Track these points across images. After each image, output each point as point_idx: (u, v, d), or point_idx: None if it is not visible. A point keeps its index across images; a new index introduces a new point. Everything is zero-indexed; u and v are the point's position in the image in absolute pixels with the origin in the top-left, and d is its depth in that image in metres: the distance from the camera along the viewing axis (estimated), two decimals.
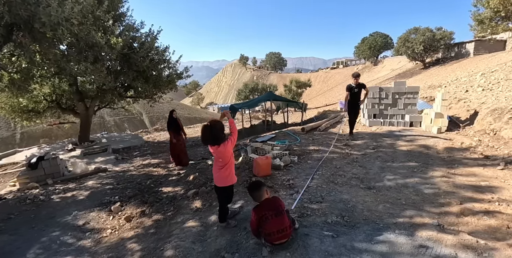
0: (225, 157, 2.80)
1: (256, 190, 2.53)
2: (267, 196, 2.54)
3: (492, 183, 3.66)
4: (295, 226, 2.73)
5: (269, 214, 2.38)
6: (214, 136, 2.71)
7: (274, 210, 2.40)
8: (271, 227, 2.36)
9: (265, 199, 2.51)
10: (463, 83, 11.36)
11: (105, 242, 4.11)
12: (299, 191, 3.77)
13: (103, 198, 5.85)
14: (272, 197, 2.57)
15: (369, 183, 3.94)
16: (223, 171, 2.87)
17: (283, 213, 2.41)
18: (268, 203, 2.48)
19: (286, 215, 2.43)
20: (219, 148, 2.76)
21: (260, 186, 2.55)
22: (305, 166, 4.88)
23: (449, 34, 27.51)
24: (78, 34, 6.68)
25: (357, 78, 6.75)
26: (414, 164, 4.68)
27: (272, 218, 2.36)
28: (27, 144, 21.37)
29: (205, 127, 2.73)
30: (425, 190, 3.55)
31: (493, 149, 5.23)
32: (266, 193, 2.55)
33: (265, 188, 2.56)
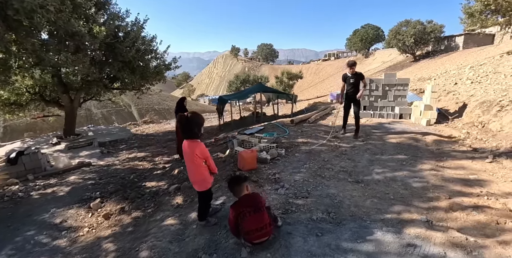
0: (189, 158, 2.57)
1: (236, 185, 2.36)
2: (247, 191, 2.37)
3: (480, 176, 3.59)
4: (277, 223, 2.58)
5: (247, 211, 2.21)
6: (186, 127, 2.49)
7: (252, 206, 2.24)
8: (249, 224, 2.20)
9: (244, 194, 2.34)
10: (452, 76, 11.37)
11: (81, 241, 3.91)
12: (284, 186, 3.62)
13: (84, 194, 5.65)
14: (251, 193, 2.40)
15: (357, 177, 3.82)
16: (192, 175, 2.69)
17: (262, 210, 2.24)
18: (246, 199, 2.31)
19: (265, 212, 2.26)
20: (187, 144, 2.55)
21: (240, 181, 2.37)
22: (292, 159, 4.72)
23: (440, 27, 27.58)
24: (56, 22, 6.26)
25: (353, 67, 5.98)
26: (403, 157, 4.58)
27: (250, 215, 2.20)
28: (10, 138, 20.50)
29: (181, 117, 2.52)
30: (414, 183, 3.44)
31: (482, 141, 5.20)
32: (246, 188, 2.37)
33: (245, 183, 2.38)
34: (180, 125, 2.54)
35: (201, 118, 2.59)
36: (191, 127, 2.49)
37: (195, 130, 2.51)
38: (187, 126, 2.49)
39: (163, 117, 30.58)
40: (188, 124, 2.49)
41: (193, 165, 2.63)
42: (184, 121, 2.50)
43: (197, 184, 2.74)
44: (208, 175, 2.73)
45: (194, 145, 2.54)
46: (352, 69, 5.99)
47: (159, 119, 26.16)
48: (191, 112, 2.59)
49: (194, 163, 2.61)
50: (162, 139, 12.23)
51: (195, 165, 2.62)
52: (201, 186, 2.73)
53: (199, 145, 2.56)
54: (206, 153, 2.61)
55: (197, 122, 2.54)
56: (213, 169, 2.77)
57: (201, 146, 2.57)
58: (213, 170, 2.78)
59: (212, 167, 2.75)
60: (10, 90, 10.07)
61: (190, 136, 2.54)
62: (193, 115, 2.52)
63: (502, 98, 6.01)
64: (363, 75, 6.04)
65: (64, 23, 6.45)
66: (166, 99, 41.39)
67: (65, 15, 6.35)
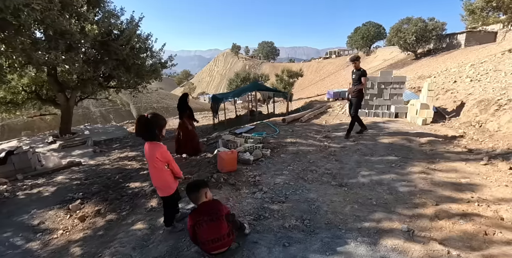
0: (150, 161, 2.41)
1: (193, 192, 2.16)
2: (206, 199, 2.17)
3: (473, 180, 3.36)
4: (245, 231, 2.38)
5: (203, 220, 2.03)
6: (146, 128, 2.31)
7: (209, 215, 2.05)
8: (204, 234, 2.02)
9: (203, 202, 2.15)
10: (452, 74, 11.07)
11: (53, 244, 3.76)
12: (263, 189, 3.40)
13: (67, 194, 5.52)
14: (210, 200, 2.20)
15: (341, 180, 3.59)
16: (154, 180, 2.51)
17: (219, 219, 2.06)
18: (204, 207, 2.12)
19: (223, 222, 2.07)
20: (147, 146, 2.39)
21: (197, 187, 2.17)
22: (277, 160, 4.50)
23: (441, 25, 27.11)
24: (43, 20, 6.12)
25: (355, 62, 5.57)
26: (394, 158, 4.35)
27: (206, 225, 2.02)
28: (8, 137, 20.47)
29: (141, 117, 2.33)
30: (400, 188, 3.21)
31: (478, 142, 4.95)
32: (205, 195, 2.17)
33: (204, 190, 2.18)
34: (139, 126, 2.33)
35: (162, 120, 2.42)
36: (150, 128, 2.31)
37: (155, 132, 2.33)
38: (146, 127, 2.31)
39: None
40: (148, 125, 2.30)
41: (154, 169, 2.45)
42: (143, 122, 2.31)
43: (160, 189, 2.56)
44: (171, 180, 2.54)
45: (155, 147, 2.37)
46: (355, 64, 5.61)
47: None
48: (152, 113, 2.41)
49: (155, 167, 2.43)
50: None
51: (156, 169, 2.44)
52: (164, 191, 2.55)
53: (160, 148, 2.38)
54: (168, 156, 2.43)
55: (157, 123, 2.35)
56: (176, 173, 2.57)
57: (162, 148, 2.39)
58: (176, 174, 2.58)
59: (175, 170, 2.55)
60: (6, 89, 10.05)
61: (150, 138, 2.37)
62: (153, 116, 2.34)
63: (500, 97, 5.74)
64: (365, 73, 5.61)
65: (52, 21, 6.32)
66: (165, 98, 41.29)
67: (53, 14, 6.21)
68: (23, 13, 5.39)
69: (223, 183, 3.60)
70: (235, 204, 3.10)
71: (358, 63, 5.60)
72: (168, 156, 2.42)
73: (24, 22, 5.63)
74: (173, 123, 18.41)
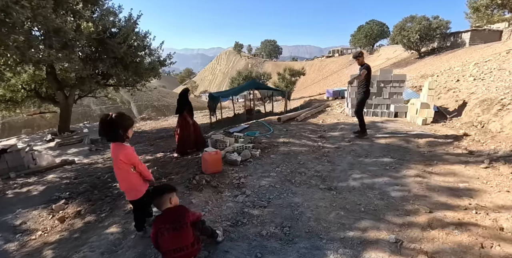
0: (115, 163, 2.27)
1: (155, 197, 2.00)
2: (171, 205, 2.00)
3: (472, 185, 3.12)
4: (217, 239, 2.21)
5: (165, 228, 1.88)
6: (109, 129, 2.16)
7: (172, 223, 1.89)
8: (166, 244, 1.86)
9: (167, 208, 1.97)
10: (455, 72, 10.75)
11: (29, 246, 3.64)
12: (246, 192, 3.20)
13: (54, 194, 5.43)
14: (175, 207, 2.01)
15: (331, 183, 3.37)
16: (120, 183, 2.37)
17: (183, 227, 1.89)
18: (167, 214, 1.95)
19: (188, 230, 1.90)
20: (112, 147, 2.25)
21: (161, 192, 2.00)
22: (266, 161, 4.29)
23: (446, 23, 26.57)
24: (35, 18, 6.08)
25: (358, 58, 5.33)
26: (389, 160, 4.11)
27: (167, 233, 1.87)
28: (8, 134, 20.52)
29: (105, 117, 2.17)
30: (393, 192, 2.99)
31: (479, 143, 4.69)
32: (169, 201, 1.99)
33: (168, 195, 2.00)
34: (102, 126, 2.18)
35: (127, 120, 2.25)
36: (114, 129, 2.15)
37: (119, 132, 2.17)
38: (109, 127, 2.15)
39: (162, 114, 30.39)
40: (111, 125, 2.14)
41: (119, 171, 2.28)
42: (107, 121, 2.14)
43: (127, 192, 2.39)
44: (138, 183, 2.35)
45: (119, 148, 2.22)
46: (358, 60, 5.36)
47: (157, 116, 25.98)
48: (118, 112, 2.25)
49: (120, 169, 2.26)
50: (153, 136, 12.01)
51: (122, 171, 2.27)
52: (131, 195, 2.37)
53: (124, 149, 2.22)
54: (133, 158, 2.26)
55: (122, 123, 2.19)
56: (145, 175, 2.39)
57: (127, 150, 2.23)
58: (145, 177, 2.40)
59: (143, 173, 2.37)
60: (6, 87, 10.10)
61: (114, 139, 2.22)
62: (118, 116, 2.19)
63: (504, 96, 5.47)
64: (366, 67, 5.28)
65: (45, 19, 6.23)
66: (166, 96, 41.17)
67: (46, 11, 6.12)
68: (14, 10, 5.32)
69: (205, 185, 3.41)
70: (214, 208, 2.90)
71: (361, 59, 5.33)
72: (133, 158, 2.25)
73: (16, 19, 5.54)
74: (173, 121, 18.31)
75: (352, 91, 8.18)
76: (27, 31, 6.48)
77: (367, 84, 5.42)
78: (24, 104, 11.67)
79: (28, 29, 6.56)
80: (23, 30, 6.40)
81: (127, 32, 9.06)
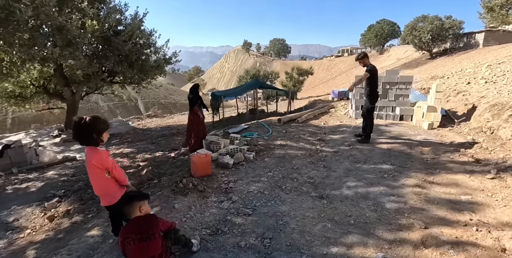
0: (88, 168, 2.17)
1: (125, 204, 1.92)
2: (141, 213, 1.89)
3: (475, 198, 2.89)
4: (192, 249, 2.11)
5: (131, 238, 1.79)
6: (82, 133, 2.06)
7: (139, 233, 1.80)
8: (131, 254, 1.79)
9: (135, 217, 1.87)
10: (467, 74, 10.33)
11: (16, 244, 3.67)
12: (232, 198, 3.06)
13: (49, 191, 5.45)
14: (145, 216, 1.91)
15: (323, 191, 3.19)
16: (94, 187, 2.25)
17: (150, 238, 1.79)
18: (134, 224, 1.86)
19: (155, 241, 1.81)
20: (86, 151, 2.14)
21: (130, 200, 1.91)
22: (259, 164, 4.14)
23: (459, 24, 25.63)
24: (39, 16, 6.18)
25: (361, 60, 5.03)
26: (388, 167, 3.90)
27: (133, 244, 1.78)
28: (18, 129, 21.00)
29: (78, 120, 2.05)
30: (388, 204, 2.79)
31: (487, 151, 4.41)
32: (139, 209, 1.89)
33: (139, 203, 1.90)
34: (75, 129, 2.07)
35: (101, 123, 2.12)
36: (88, 132, 2.04)
37: (92, 136, 2.06)
38: (83, 131, 2.05)
39: (168, 112, 30.56)
40: (85, 129, 2.04)
41: (93, 176, 2.18)
42: (80, 125, 2.03)
43: (101, 197, 2.28)
44: (114, 188, 2.24)
45: (92, 152, 2.10)
46: (361, 63, 5.07)
47: (163, 113, 26.09)
48: (92, 115, 2.13)
49: (93, 174, 2.16)
50: (156, 134, 12.00)
51: (95, 176, 2.17)
52: (105, 201, 2.27)
53: (97, 153, 2.10)
54: (106, 163, 2.13)
55: (95, 127, 2.07)
56: (121, 181, 2.27)
57: (100, 154, 2.11)
58: (121, 182, 2.28)
59: (118, 178, 2.24)
60: (15, 83, 10.30)
61: (87, 143, 2.11)
62: (92, 119, 2.07)
63: None
64: (368, 69, 4.95)
65: (48, 17, 6.27)
66: (173, 93, 41.44)
67: (48, 9, 6.19)
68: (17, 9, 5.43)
69: (191, 189, 3.28)
70: (196, 214, 2.78)
71: (365, 60, 5.01)
72: (106, 162, 2.13)
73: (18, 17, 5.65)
74: (178, 119, 18.31)
75: (356, 93, 7.93)
76: (31, 29, 6.57)
77: (371, 88, 5.04)
78: (33, 100, 11.92)
79: (32, 27, 6.64)
80: (27, 28, 6.50)
81: (132, 30, 9.11)
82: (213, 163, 4.14)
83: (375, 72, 5.00)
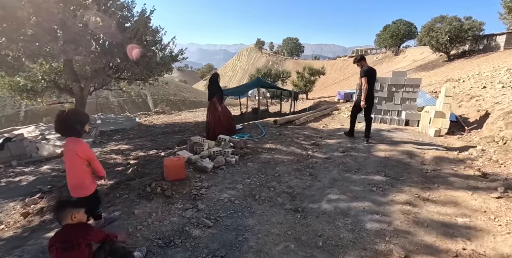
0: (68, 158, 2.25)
1: (56, 210, 1.83)
2: (72, 221, 1.78)
3: (474, 221, 2.49)
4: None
5: (54, 247, 1.68)
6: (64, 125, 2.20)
7: (63, 242, 1.69)
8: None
9: (66, 225, 1.77)
10: (484, 78, 9.64)
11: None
12: (198, 206, 2.78)
13: (37, 186, 5.39)
14: (76, 224, 1.79)
15: (300, 203, 2.86)
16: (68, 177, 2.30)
17: (74, 249, 1.68)
18: (63, 231, 1.77)
19: (81, 252, 1.69)
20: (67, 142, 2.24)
21: (63, 207, 1.82)
22: (239, 169, 3.84)
23: (479, 25, 24.25)
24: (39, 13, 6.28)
25: (357, 63, 5.09)
26: (380, 179, 3.51)
27: (56, 253, 1.67)
28: (30, 122, 21.54)
29: (60, 113, 2.22)
30: (369, 223, 2.43)
31: (497, 164, 3.94)
32: (71, 217, 1.78)
33: (72, 211, 1.79)
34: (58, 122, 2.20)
35: (81, 115, 2.31)
36: (70, 124, 2.20)
37: (75, 128, 2.21)
38: (65, 123, 2.20)
39: (177, 108, 30.67)
40: (66, 121, 2.19)
41: (72, 166, 2.25)
42: (62, 117, 2.19)
43: (74, 189, 2.28)
44: (88, 180, 2.30)
45: (76, 143, 2.23)
46: (358, 65, 5.06)
47: (172, 110, 26.18)
48: (73, 109, 2.35)
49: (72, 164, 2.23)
50: (158, 131, 11.96)
51: (74, 166, 2.24)
52: (76, 192, 2.27)
53: (81, 144, 2.25)
54: (90, 154, 2.29)
55: (78, 119, 2.25)
56: (98, 171, 2.39)
57: (84, 145, 2.27)
58: (98, 173, 2.41)
59: (97, 169, 2.38)
60: (27, 77, 10.55)
61: (70, 134, 2.24)
62: (74, 112, 2.27)
63: None
64: (362, 73, 4.91)
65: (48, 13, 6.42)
66: (183, 90, 41.62)
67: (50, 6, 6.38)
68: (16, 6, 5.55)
69: (158, 194, 3.03)
70: (154, 222, 2.52)
71: (362, 62, 5.01)
72: (90, 153, 2.28)
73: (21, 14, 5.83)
74: (185, 116, 18.27)
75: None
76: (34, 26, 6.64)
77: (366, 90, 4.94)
78: (44, 94, 12.16)
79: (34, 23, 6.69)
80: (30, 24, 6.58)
81: (137, 27, 9.09)
82: (191, 166, 3.89)
83: (371, 73, 4.94)
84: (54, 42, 7.06)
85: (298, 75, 38.28)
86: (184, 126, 12.44)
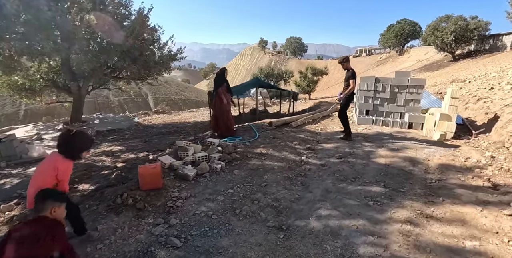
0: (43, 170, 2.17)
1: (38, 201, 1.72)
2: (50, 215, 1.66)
3: (485, 245, 2.14)
4: None
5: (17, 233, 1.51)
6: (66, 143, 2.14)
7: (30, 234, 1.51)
8: None
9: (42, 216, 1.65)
10: (490, 79, 9.22)
11: None
12: (171, 221, 2.46)
13: (17, 190, 5.11)
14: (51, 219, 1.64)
15: (286, 219, 2.53)
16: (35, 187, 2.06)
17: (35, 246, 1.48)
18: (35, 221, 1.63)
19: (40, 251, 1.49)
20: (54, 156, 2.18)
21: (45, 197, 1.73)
22: (224, 178, 3.51)
23: (485, 25, 23.60)
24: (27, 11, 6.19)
25: (342, 64, 5.39)
26: (379, 190, 3.16)
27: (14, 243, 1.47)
28: (29, 121, 21.41)
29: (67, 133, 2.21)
30: (361, 247, 2.09)
31: (508, 173, 3.57)
32: (51, 210, 1.67)
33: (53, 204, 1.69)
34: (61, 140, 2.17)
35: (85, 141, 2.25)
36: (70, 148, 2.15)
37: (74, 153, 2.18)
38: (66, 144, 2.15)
39: (178, 108, 30.41)
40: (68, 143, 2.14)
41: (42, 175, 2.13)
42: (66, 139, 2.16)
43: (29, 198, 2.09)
44: None
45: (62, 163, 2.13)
46: (343, 65, 5.38)
47: (172, 109, 25.94)
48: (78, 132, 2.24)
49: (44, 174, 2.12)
50: (154, 132, 11.66)
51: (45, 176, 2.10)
52: None
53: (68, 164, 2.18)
54: (66, 176, 2.21)
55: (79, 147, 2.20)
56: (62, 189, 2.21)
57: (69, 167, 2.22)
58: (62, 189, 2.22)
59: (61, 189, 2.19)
60: (25, 76, 10.39)
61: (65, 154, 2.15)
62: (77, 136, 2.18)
63: None
64: (351, 74, 5.28)
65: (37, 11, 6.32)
66: (184, 90, 41.38)
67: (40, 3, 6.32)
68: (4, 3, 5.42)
69: (128, 207, 2.72)
70: (118, 241, 2.22)
71: (346, 64, 5.33)
72: (66, 175, 2.22)
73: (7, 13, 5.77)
74: (184, 116, 17.99)
75: (361, 96, 7.12)
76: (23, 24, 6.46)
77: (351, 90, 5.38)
78: (43, 93, 12.05)
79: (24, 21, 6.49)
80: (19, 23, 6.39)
81: (134, 25, 8.86)
82: (172, 174, 3.58)
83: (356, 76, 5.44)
84: (46, 40, 6.86)
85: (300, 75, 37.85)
86: (182, 126, 12.15)
